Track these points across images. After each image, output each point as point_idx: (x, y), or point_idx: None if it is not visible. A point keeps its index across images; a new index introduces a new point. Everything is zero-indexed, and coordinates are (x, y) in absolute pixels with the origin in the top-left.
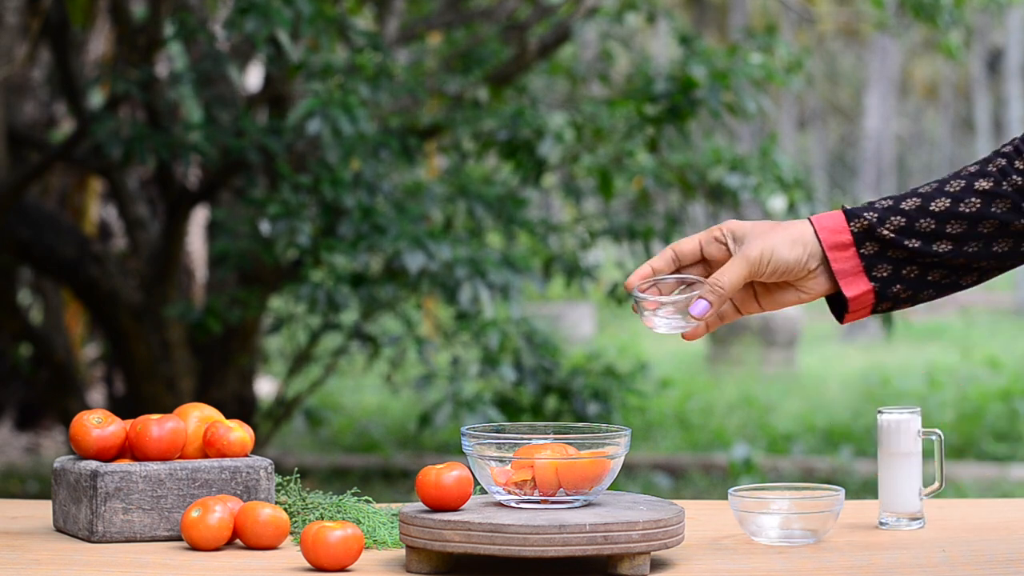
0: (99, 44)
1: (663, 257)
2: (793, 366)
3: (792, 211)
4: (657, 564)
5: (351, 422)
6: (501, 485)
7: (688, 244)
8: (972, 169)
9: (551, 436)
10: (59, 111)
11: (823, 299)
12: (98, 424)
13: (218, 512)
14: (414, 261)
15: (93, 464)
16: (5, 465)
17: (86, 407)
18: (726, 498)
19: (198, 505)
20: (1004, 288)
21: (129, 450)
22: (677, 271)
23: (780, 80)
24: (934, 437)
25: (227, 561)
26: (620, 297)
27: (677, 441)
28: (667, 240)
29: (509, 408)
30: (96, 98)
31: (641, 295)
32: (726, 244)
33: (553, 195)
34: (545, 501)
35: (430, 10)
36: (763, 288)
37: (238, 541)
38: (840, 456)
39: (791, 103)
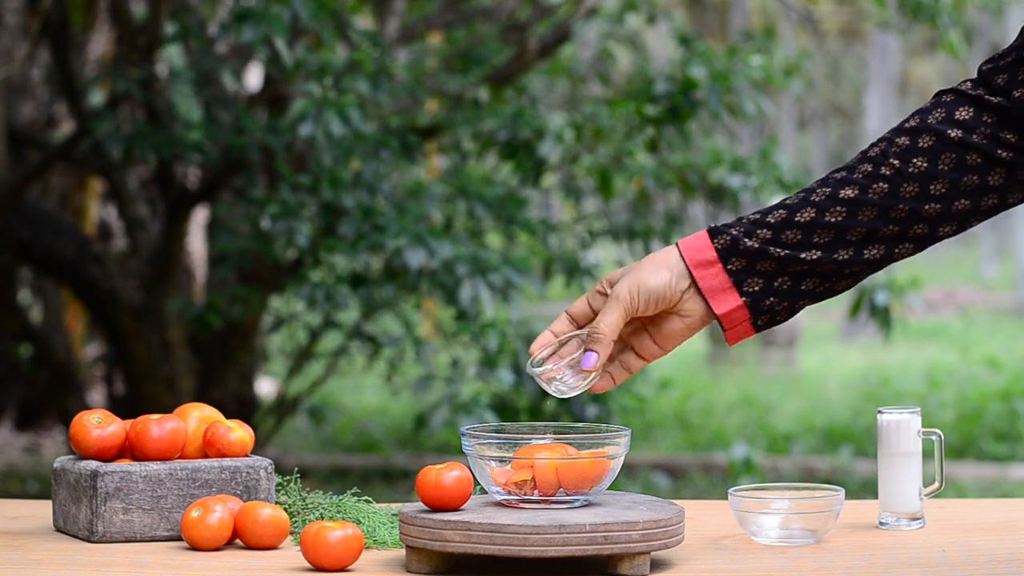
0: (99, 44)
1: (560, 321)
2: (793, 366)
3: None
4: (657, 564)
5: (351, 422)
6: (501, 485)
7: (578, 305)
8: (838, 176)
9: (551, 436)
10: (59, 111)
11: (715, 325)
12: (98, 424)
13: (218, 512)
14: (415, 258)
15: (93, 464)
16: (5, 465)
17: (86, 407)
18: (726, 498)
19: (198, 505)
20: (1004, 288)
21: (129, 450)
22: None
23: (779, 82)
24: (934, 437)
25: (227, 561)
26: None
27: (677, 441)
28: (667, 240)
29: (506, 411)
30: (96, 98)
31: (535, 370)
32: (607, 294)
33: (553, 195)
34: (545, 501)
35: (430, 10)
36: (651, 324)
37: (238, 541)
38: (840, 456)
39: (791, 104)
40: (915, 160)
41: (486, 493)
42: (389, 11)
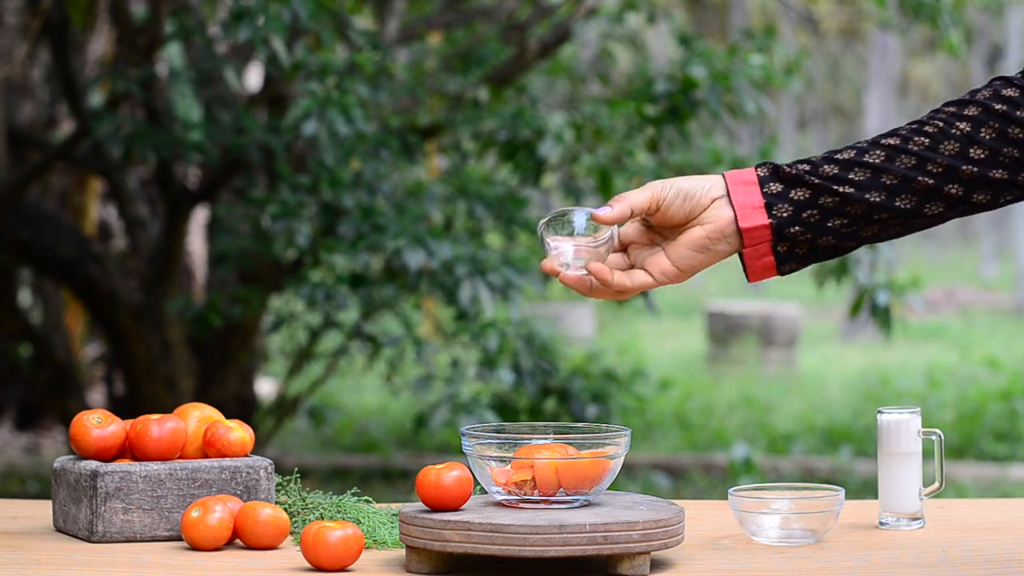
0: (99, 44)
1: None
2: (793, 366)
3: None
4: (657, 564)
5: (351, 422)
6: (501, 485)
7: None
8: (884, 133)
9: (551, 436)
10: (59, 111)
11: (737, 258)
12: (98, 424)
13: (218, 512)
14: (414, 259)
15: (93, 464)
16: (5, 465)
17: (86, 407)
18: (726, 498)
19: (198, 505)
20: (1004, 288)
21: (129, 450)
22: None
23: (779, 82)
24: (934, 437)
25: (227, 561)
26: None
27: (677, 441)
28: None
29: (507, 411)
30: (96, 98)
31: (546, 231)
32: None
33: (553, 195)
34: (545, 501)
35: (430, 10)
36: (672, 242)
37: (238, 541)
38: (840, 456)
39: (791, 103)
40: (959, 124)
41: (486, 493)
42: (389, 11)
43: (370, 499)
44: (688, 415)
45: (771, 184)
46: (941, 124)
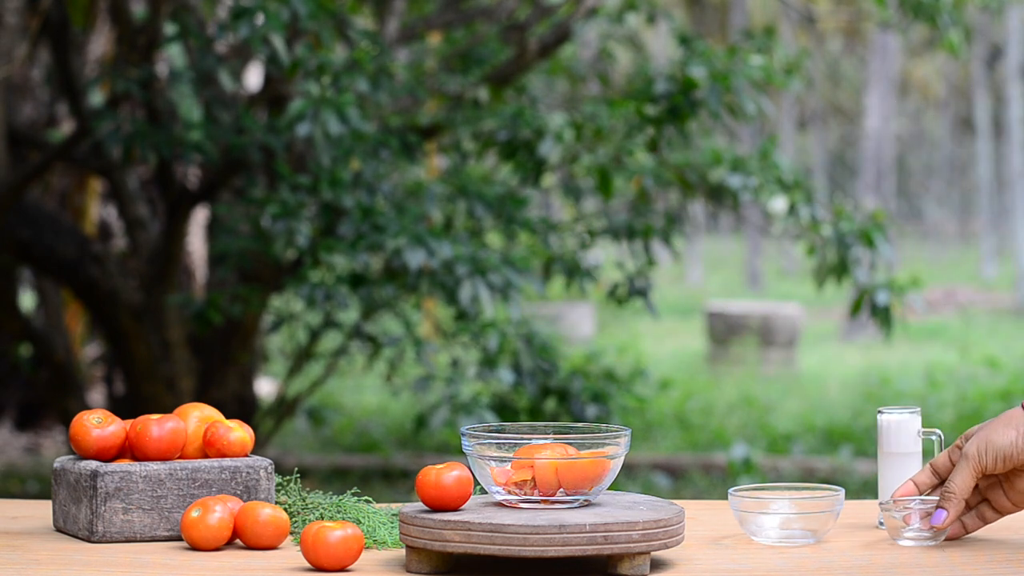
0: (99, 44)
1: (924, 473)
2: (793, 366)
3: (793, 212)
4: (657, 564)
5: (351, 422)
6: (501, 485)
7: (941, 459)
8: None
9: (551, 436)
10: (59, 111)
11: None
12: (98, 424)
13: (218, 512)
14: (415, 258)
15: (93, 464)
16: (5, 465)
17: (86, 407)
18: (726, 498)
19: (198, 505)
20: (1004, 288)
21: (129, 450)
22: (938, 486)
23: (779, 82)
24: (934, 437)
25: (227, 561)
26: (620, 298)
27: (677, 441)
28: (667, 239)
29: (506, 411)
30: (96, 98)
31: (889, 513)
32: (959, 448)
33: (553, 195)
34: (545, 501)
35: (430, 10)
36: (1006, 480)
37: (238, 541)
38: (840, 456)
39: (791, 103)
40: None
41: (486, 493)
42: (389, 11)
43: (370, 499)
44: (688, 415)
45: None
46: None
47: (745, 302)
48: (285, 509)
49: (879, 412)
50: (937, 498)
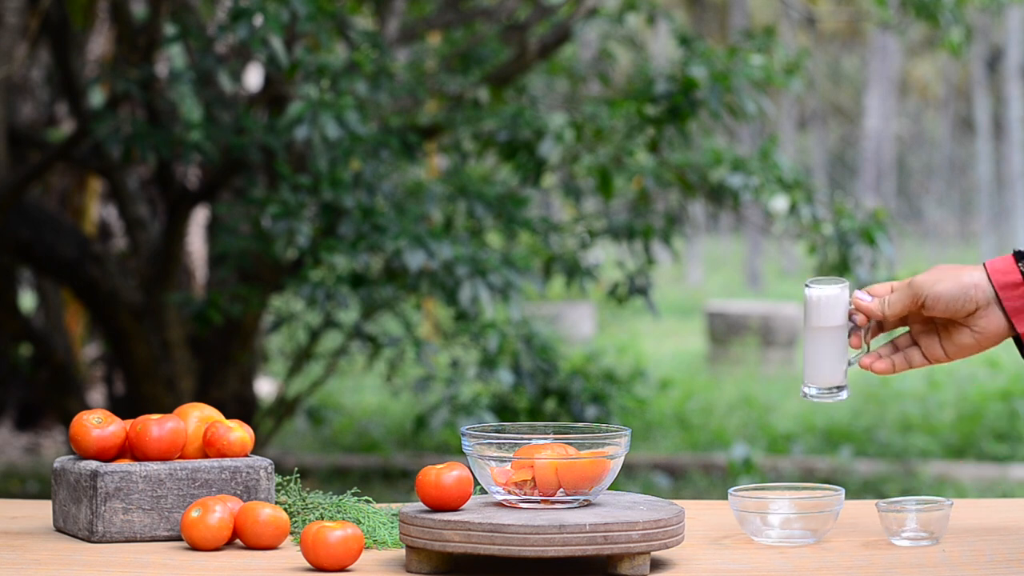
0: (99, 44)
1: (883, 286)
2: (793, 366)
3: (793, 212)
4: (657, 564)
5: (351, 422)
6: (501, 485)
7: (880, 285)
8: None
9: (551, 436)
10: (59, 111)
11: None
12: (98, 424)
13: (218, 512)
14: (415, 259)
15: (93, 464)
16: (5, 465)
17: (86, 407)
18: (726, 498)
19: (198, 505)
20: None
21: (129, 450)
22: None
23: (779, 82)
24: (856, 318)
25: (227, 561)
26: (620, 297)
27: (677, 441)
28: (667, 239)
29: (506, 412)
30: (96, 98)
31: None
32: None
33: (553, 195)
34: (545, 501)
35: (430, 10)
36: (944, 331)
37: (238, 541)
38: (840, 456)
39: (791, 103)
40: None
41: (486, 493)
42: (389, 11)
43: (370, 499)
44: (688, 415)
45: None
46: None
47: (745, 302)
48: (285, 509)
49: (807, 285)
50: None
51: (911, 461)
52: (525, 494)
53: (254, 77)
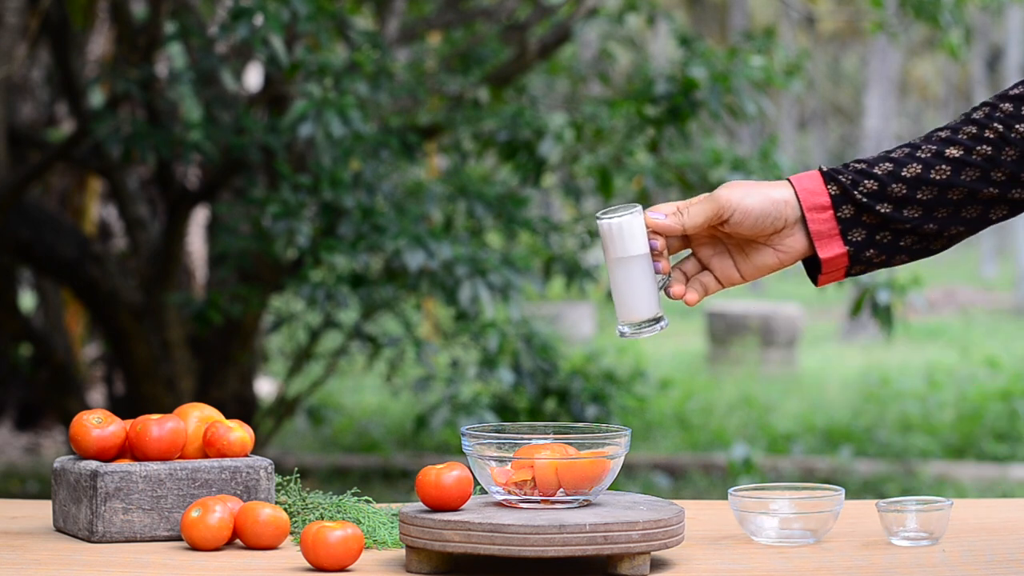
0: (99, 44)
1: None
2: (793, 366)
3: None
4: (657, 564)
5: (351, 422)
6: (501, 485)
7: (668, 204)
8: (943, 135)
9: (551, 436)
10: (59, 111)
11: (799, 263)
12: (98, 424)
13: (218, 512)
14: (414, 259)
15: (93, 464)
16: (5, 465)
17: (86, 407)
18: (726, 498)
19: (198, 505)
20: (1004, 288)
21: (129, 450)
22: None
23: (780, 83)
24: (656, 243)
25: (227, 561)
26: None
27: (677, 441)
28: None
29: (506, 412)
30: (96, 98)
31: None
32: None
33: (553, 195)
34: (545, 501)
35: (430, 10)
36: (740, 252)
37: (238, 541)
38: (840, 456)
39: (791, 103)
40: (1017, 126)
41: (486, 493)
42: (389, 11)
43: (370, 499)
44: (688, 415)
45: (844, 208)
46: (1000, 128)
47: (745, 302)
48: (285, 509)
49: (598, 217)
50: None
51: (911, 461)
52: (525, 494)
53: (254, 77)
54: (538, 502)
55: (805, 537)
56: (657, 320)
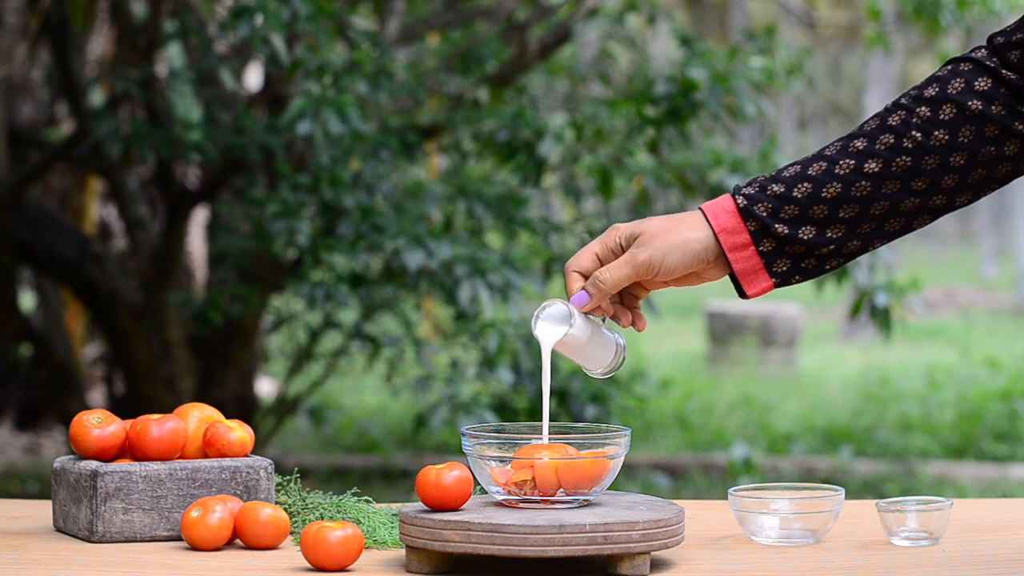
0: (99, 44)
1: (586, 257)
2: (793, 366)
3: None
4: (657, 564)
5: (351, 422)
6: (501, 485)
7: (586, 260)
8: (860, 146)
9: (551, 436)
10: (59, 111)
11: (728, 280)
12: (98, 424)
13: (218, 512)
14: (414, 259)
15: (93, 464)
16: (5, 465)
17: (86, 407)
18: (726, 498)
19: (198, 505)
20: (1004, 288)
21: (129, 450)
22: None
23: (780, 83)
24: (591, 316)
25: (227, 561)
26: None
27: (677, 441)
28: None
29: (506, 411)
30: (96, 98)
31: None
32: (620, 251)
33: (553, 195)
34: (545, 501)
35: (430, 10)
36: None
37: (238, 541)
38: (840, 456)
39: (791, 104)
40: (936, 132)
41: (486, 493)
42: (389, 11)
43: (370, 499)
44: (688, 415)
45: (764, 242)
46: (919, 136)
47: (745, 302)
48: (285, 509)
49: (538, 337)
50: None
51: (911, 461)
52: (525, 494)
53: (254, 77)
54: (538, 502)
55: (805, 537)
56: (619, 356)
